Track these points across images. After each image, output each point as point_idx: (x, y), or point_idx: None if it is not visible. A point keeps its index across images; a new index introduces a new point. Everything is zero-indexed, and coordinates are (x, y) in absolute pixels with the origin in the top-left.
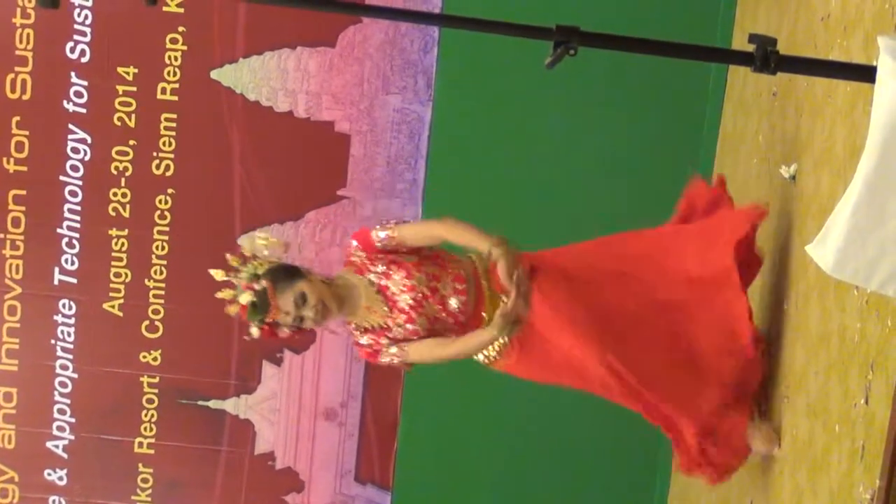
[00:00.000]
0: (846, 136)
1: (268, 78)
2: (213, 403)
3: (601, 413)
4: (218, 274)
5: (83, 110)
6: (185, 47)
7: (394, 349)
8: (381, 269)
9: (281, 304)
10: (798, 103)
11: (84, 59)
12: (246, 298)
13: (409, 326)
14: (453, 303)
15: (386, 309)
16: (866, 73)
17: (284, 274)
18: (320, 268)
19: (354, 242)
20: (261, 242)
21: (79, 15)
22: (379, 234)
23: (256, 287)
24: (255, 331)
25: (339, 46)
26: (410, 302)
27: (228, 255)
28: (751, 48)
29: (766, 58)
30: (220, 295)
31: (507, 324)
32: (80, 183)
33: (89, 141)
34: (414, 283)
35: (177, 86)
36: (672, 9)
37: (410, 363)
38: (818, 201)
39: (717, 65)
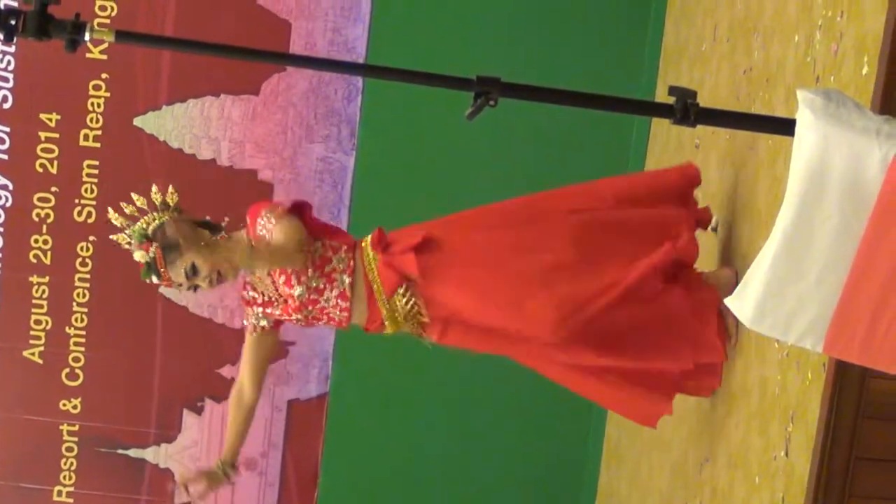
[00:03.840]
0: (768, 189)
1: (191, 125)
2: (133, 452)
3: (525, 453)
4: (115, 218)
5: (4, 156)
6: (108, 94)
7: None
8: None
9: (172, 275)
10: (720, 155)
11: (6, 105)
12: (139, 256)
13: (288, 315)
14: (335, 314)
15: (273, 290)
16: (786, 126)
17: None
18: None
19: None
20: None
21: (1, 60)
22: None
23: (148, 251)
24: (155, 279)
25: (262, 94)
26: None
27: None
28: (672, 100)
29: (686, 110)
30: (113, 237)
31: None
32: (0, 229)
33: (10, 187)
34: (294, 294)
35: (99, 132)
36: (596, 61)
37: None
38: (740, 253)
39: (640, 116)
